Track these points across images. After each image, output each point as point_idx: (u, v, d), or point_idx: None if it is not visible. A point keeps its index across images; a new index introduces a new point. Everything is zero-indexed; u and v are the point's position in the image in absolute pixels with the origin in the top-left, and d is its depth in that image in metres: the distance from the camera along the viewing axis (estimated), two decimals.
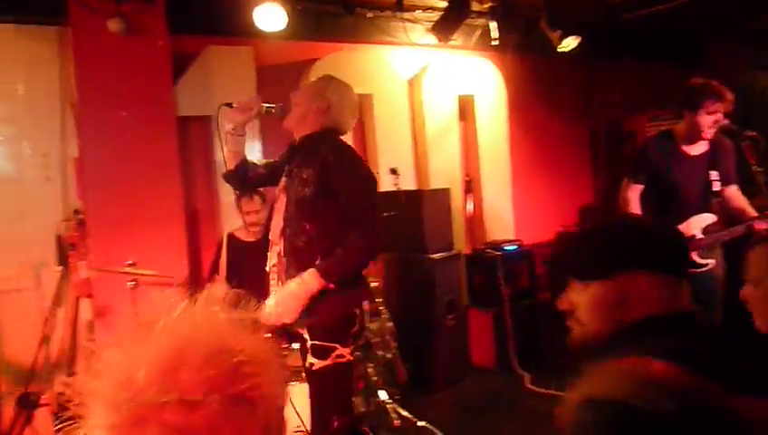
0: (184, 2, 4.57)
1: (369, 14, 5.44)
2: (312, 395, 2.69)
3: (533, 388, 4.87)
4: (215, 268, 4.29)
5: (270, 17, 4.55)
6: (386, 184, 5.26)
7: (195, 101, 4.72)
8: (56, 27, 4.37)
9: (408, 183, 5.46)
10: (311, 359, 2.63)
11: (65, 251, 4.35)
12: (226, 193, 4.75)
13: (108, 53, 4.25)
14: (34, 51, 4.38)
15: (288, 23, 4.59)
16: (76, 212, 4.39)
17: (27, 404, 4.18)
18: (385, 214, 4.34)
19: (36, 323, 4.32)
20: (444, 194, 5.24)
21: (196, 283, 4.44)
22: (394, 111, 5.64)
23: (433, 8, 5.49)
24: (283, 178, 2.86)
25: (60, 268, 4.39)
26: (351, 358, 2.68)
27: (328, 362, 2.59)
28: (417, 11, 5.57)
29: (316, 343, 2.62)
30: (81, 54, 4.23)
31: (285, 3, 4.54)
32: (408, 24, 5.57)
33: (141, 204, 4.31)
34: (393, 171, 4.92)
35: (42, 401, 4.27)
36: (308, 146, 2.78)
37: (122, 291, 3.75)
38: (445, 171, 5.82)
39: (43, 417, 4.25)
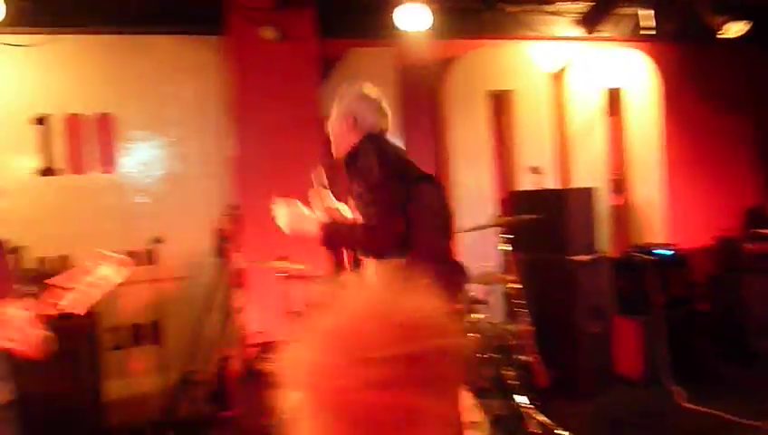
0: (331, 8, 4.76)
1: (510, 9, 5.33)
2: None
3: (690, 406, 4.49)
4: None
5: (413, 17, 4.61)
6: (527, 183, 5.14)
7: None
8: (217, 37, 4.76)
9: (550, 182, 5.28)
10: None
11: (222, 243, 4.72)
12: None
13: (262, 58, 4.55)
14: (199, 59, 4.79)
15: (431, 22, 4.63)
16: (233, 207, 4.75)
17: (188, 382, 4.59)
18: (527, 215, 4.23)
19: (195, 308, 4.73)
20: (588, 193, 5.01)
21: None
22: (536, 106, 5.48)
23: None
24: (351, 201, 2.88)
25: (218, 259, 4.77)
26: None
27: None
28: (560, 3, 5.37)
29: None
30: (238, 61, 4.57)
31: (428, 2, 4.58)
32: (551, 17, 5.39)
33: (289, 199, 4.54)
34: (534, 169, 4.79)
35: (200, 380, 4.68)
36: (351, 161, 2.76)
37: (272, 282, 3.99)
38: (590, 169, 5.55)
39: (200, 393, 4.65)
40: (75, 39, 4.53)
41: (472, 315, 3.72)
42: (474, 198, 5.20)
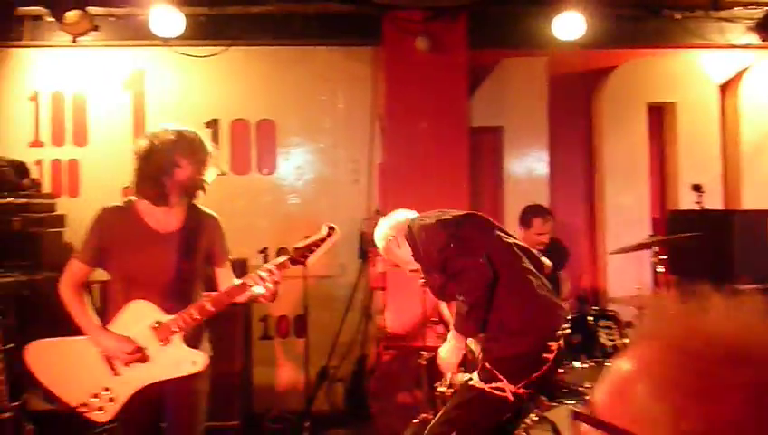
0: (482, 17, 4.75)
1: (678, 16, 4.98)
2: (451, 404, 2.71)
3: None
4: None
5: (566, 25, 4.47)
6: (687, 202, 4.76)
7: (488, 113, 4.88)
8: (371, 48, 4.94)
9: (713, 201, 4.84)
10: (474, 375, 2.67)
11: (366, 246, 4.88)
12: (511, 204, 4.82)
13: (413, 69, 4.65)
14: (352, 70, 5.01)
15: (586, 30, 4.47)
16: (377, 212, 4.88)
17: (326, 377, 4.79)
18: (684, 234, 3.92)
19: (338, 306, 4.93)
20: (761, 216, 4.52)
21: None
22: (702, 119, 5.06)
23: (757, 3, 4.80)
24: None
25: (360, 261, 4.94)
26: (512, 398, 2.55)
27: (485, 386, 2.57)
28: (737, 8, 4.92)
29: (487, 365, 2.61)
30: (391, 71, 4.71)
31: (584, 10, 4.42)
32: (725, 24, 4.96)
33: (432, 208, 4.58)
34: (696, 188, 4.41)
35: (337, 377, 4.86)
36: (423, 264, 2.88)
37: (413, 287, 4.04)
38: (763, 190, 5.02)
39: (337, 389, 4.83)
40: (244, 51, 4.93)
41: (623, 340, 3.51)
42: (628, 217, 4.92)
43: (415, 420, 3.66)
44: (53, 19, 4.25)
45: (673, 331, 0.64)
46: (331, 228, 2.66)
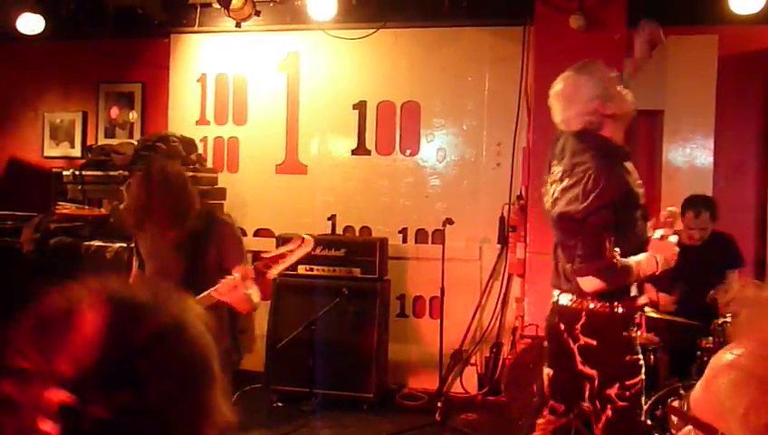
0: None
1: None
2: None
3: None
4: None
5: None
6: None
7: (647, 95, 4.54)
8: (521, 27, 4.79)
9: None
10: None
11: (506, 231, 4.79)
12: (668, 195, 4.48)
13: (566, 48, 4.42)
14: (500, 50, 4.89)
15: (764, 4, 3.99)
16: (519, 197, 4.77)
17: (459, 360, 4.79)
18: None
19: (475, 291, 4.89)
20: None
21: None
22: None
23: None
24: None
25: (500, 246, 4.85)
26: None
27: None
28: None
29: None
30: (541, 51, 4.53)
31: None
32: None
33: None
34: None
35: (471, 361, 4.84)
36: None
37: None
38: None
39: (470, 373, 4.82)
40: (394, 33, 4.99)
41: None
42: None
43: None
44: (220, 6, 4.58)
45: (766, 326, 0.62)
46: (303, 239, 2.57)
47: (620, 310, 2.38)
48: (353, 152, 5.16)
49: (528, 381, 4.02)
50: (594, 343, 2.38)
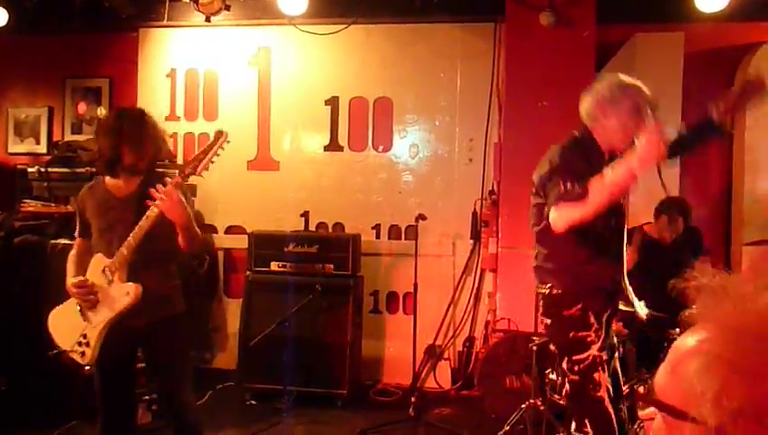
0: None
1: None
2: None
3: None
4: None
5: None
6: None
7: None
8: (492, 23, 4.82)
9: None
10: None
11: (479, 227, 4.82)
12: (636, 189, 4.55)
13: (536, 45, 4.48)
14: (472, 46, 4.91)
15: (729, 2, 4.09)
16: (491, 192, 4.80)
17: (433, 355, 4.81)
18: None
19: (448, 286, 4.92)
20: None
21: None
22: None
23: None
24: None
25: (472, 241, 4.89)
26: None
27: None
28: None
29: None
30: (512, 47, 4.57)
31: None
32: None
33: None
34: None
35: (444, 356, 4.87)
36: None
37: (526, 269, 3.94)
38: None
39: (443, 368, 4.84)
40: (365, 28, 4.98)
41: None
42: None
43: (522, 406, 3.60)
44: (189, 0, 4.51)
45: (728, 310, 0.64)
46: (219, 132, 2.74)
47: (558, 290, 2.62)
48: (326, 148, 5.15)
49: (500, 375, 4.07)
50: (548, 321, 2.70)
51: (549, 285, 2.66)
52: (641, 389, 3.25)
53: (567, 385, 2.64)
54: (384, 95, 5.08)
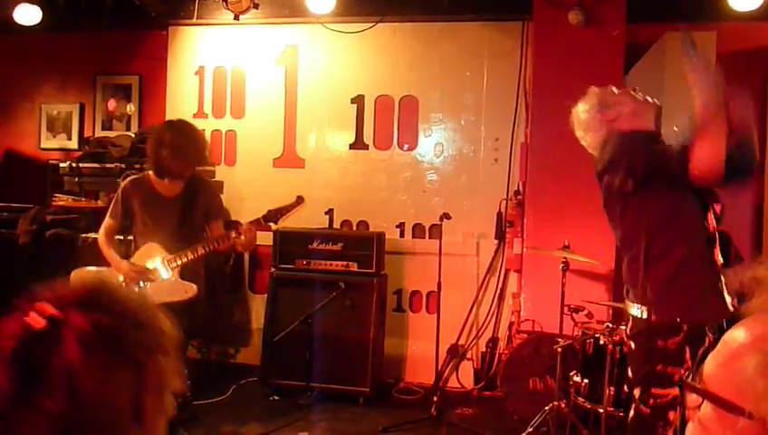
0: None
1: None
2: None
3: None
4: None
5: None
6: None
7: (645, 92, 4.53)
8: (520, 22, 4.78)
9: None
10: None
11: (503, 227, 4.79)
12: None
13: (564, 44, 4.43)
14: (499, 45, 4.88)
15: (763, 1, 4.00)
16: (516, 193, 4.77)
17: (456, 354, 4.79)
18: None
19: (471, 286, 4.90)
20: None
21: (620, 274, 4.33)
22: None
23: None
24: None
25: (497, 241, 4.86)
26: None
27: None
28: None
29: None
30: (540, 46, 4.53)
31: None
32: None
33: (577, 191, 4.39)
34: None
35: (467, 356, 4.85)
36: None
37: (550, 271, 3.92)
38: None
39: (466, 368, 4.83)
40: (392, 27, 4.98)
41: None
42: None
43: (546, 408, 3.57)
44: None
45: None
46: (299, 198, 3.46)
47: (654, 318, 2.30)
48: (351, 147, 5.16)
49: (524, 376, 4.04)
50: (633, 345, 2.39)
51: (644, 307, 2.32)
52: (689, 378, 3.18)
53: (632, 412, 2.37)
54: (410, 94, 5.07)
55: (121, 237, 3.64)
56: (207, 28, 5.29)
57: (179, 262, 3.24)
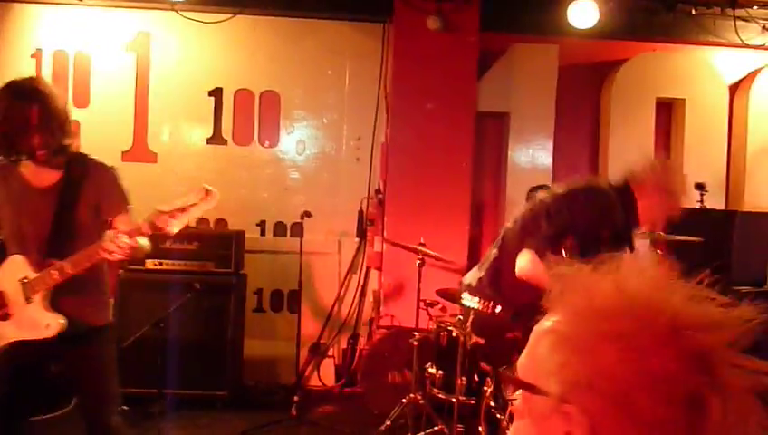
0: (496, 1, 4.68)
1: (693, 12, 4.91)
2: None
3: None
4: None
5: (582, 14, 4.41)
6: (690, 200, 4.75)
7: (494, 98, 4.83)
8: (381, 24, 4.87)
9: (715, 201, 4.83)
10: None
11: (365, 225, 4.86)
12: (512, 191, 4.80)
13: (423, 48, 4.59)
14: (361, 45, 4.94)
15: (599, 20, 4.41)
16: (377, 191, 4.86)
17: (317, 353, 4.78)
18: (687, 236, 3.89)
19: (333, 284, 4.92)
20: (764, 218, 4.51)
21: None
22: (709, 118, 5.02)
23: None
24: None
25: (358, 240, 4.92)
26: None
27: None
28: (754, 7, 4.86)
29: None
30: (399, 49, 4.65)
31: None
32: (741, 23, 4.89)
33: (433, 190, 4.58)
34: (699, 186, 4.40)
35: (329, 353, 4.86)
36: None
37: (409, 267, 4.03)
38: (767, 192, 5.00)
39: (327, 366, 4.83)
40: (252, 20, 4.85)
41: None
42: None
43: (403, 401, 3.67)
44: None
45: (574, 296, 0.71)
46: (207, 192, 2.34)
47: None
48: (208, 141, 4.95)
49: (383, 371, 4.12)
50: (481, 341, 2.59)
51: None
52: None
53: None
54: (271, 89, 4.97)
55: None
56: (45, 6, 4.81)
57: (42, 283, 2.30)
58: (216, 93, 4.93)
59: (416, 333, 3.74)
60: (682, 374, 0.63)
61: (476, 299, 2.65)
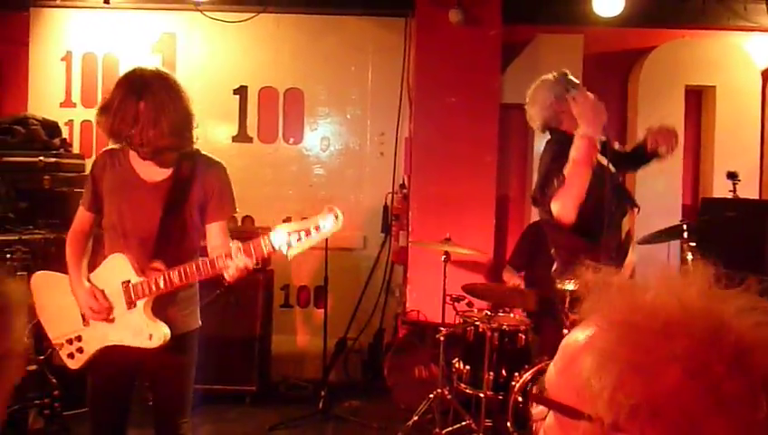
0: None
1: None
2: None
3: None
4: (517, 254, 4.35)
5: (607, 2, 4.34)
6: (721, 189, 4.64)
7: (519, 90, 4.75)
8: (403, 19, 4.86)
9: (748, 191, 4.70)
10: None
11: (389, 220, 4.86)
12: None
13: (445, 42, 4.56)
14: (384, 40, 4.93)
15: (625, 7, 4.33)
16: (402, 186, 4.85)
17: (343, 347, 4.80)
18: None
19: (359, 279, 4.93)
20: None
21: (499, 264, 4.54)
22: (742, 105, 4.89)
23: None
24: None
25: (383, 235, 4.92)
26: None
27: None
28: None
29: None
30: (422, 43, 4.63)
31: None
32: None
33: (458, 184, 4.55)
34: (731, 175, 4.29)
35: (355, 349, 4.88)
36: None
37: (434, 262, 4.02)
38: None
39: (354, 361, 4.85)
40: (275, 17, 4.88)
41: None
42: (658, 204, 4.78)
43: (431, 396, 3.66)
44: None
45: (615, 306, 0.64)
46: (336, 215, 2.18)
47: None
48: (234, 139, 5.01)
49: (409, 366, 4.12)
50: None
51: None
52: (534, 389, 3.37)
53: None
54: (295, 86, 5.00)
55: None
56: (74, 11, 4.92)
57: (150, 290, 2.17)
58: (241, 92, 4.98)
59: (442, 329, 3.73)
60: (756, 400, 0.58)
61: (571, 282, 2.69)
